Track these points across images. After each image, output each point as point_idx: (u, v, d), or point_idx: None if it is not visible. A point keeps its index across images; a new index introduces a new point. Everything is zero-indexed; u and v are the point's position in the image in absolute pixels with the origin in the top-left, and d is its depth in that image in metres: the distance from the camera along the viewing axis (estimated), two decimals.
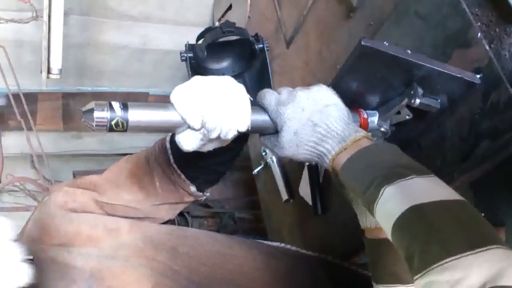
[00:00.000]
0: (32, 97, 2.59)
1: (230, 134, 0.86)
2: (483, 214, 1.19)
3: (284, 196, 1.76)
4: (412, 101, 0.99)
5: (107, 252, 0.96)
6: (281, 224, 1.86)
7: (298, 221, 1.74)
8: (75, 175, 2.89)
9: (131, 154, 1.13)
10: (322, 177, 1.55)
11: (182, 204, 1.14)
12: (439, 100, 1.01)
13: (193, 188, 1.08)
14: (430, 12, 1.05)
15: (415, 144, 1.12)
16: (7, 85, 2.26)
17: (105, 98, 2.84)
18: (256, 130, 0.93)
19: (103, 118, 0.77)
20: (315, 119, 0.89)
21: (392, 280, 0.96)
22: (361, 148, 0.86)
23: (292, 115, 0.90)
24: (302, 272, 1.23)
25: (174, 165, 1.05)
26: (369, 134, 0.91)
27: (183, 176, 1.06)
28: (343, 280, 1.30)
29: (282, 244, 1.31)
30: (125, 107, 0.79)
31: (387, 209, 0.77)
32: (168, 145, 1.04)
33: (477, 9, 0.96)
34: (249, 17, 2.05)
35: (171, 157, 1.04)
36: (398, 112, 1.04)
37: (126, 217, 1.05)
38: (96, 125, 0.77)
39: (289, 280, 1.16)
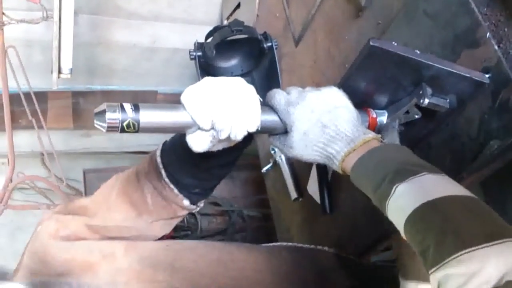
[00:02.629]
0: (42, 96, 2.60)
1: (240, 135, 0.87)
2: None
3: (293, 194, 1.77)
4: (421, 100, 0.99)
5: (105, 279, 0.96)
6: (290, 222, 1.87)
7: (307, 219, 1.75)
8: (85, 173, 2.91)
9: (139, 152, 1.14)
10: (331, 176, 1.55)
11: (176, 219, 1.13)
12: (448, 100, 1.01)
13: (186, 202, 1.07)
14: (439, 11, 1.05)
15: (424, 143, 1.12)
16: (18, 84, 2.28)
17: (115, 96, 2.85)
18: (265, 130, 0.93)
19: (115, 119, 0.78)
20: (325, 120, 0.90)
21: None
22: (372, 148, 0.86)
23: (301, 116, 0.90)
24: (305, 265, 1.23)
25: (166, 180, 1.03)
26: (379, 136, 0.92)
27: (175, 190, 1.04)
28: (343, 268, 1.29)
29: (278, 243, 1.31)
30: (136, 108, 0.80)
31: (399, 205, 0.77)
32: (159, 159, 1.03)
33: (485, 9, 0.96)
34: (257, 15, 2.06)
35: (162, 171, 1.03)
36: (407, 112, 1.04)
37: (120, 237, 1.05)
38: (108, 127, 0.78)
39: (293, 276, 1.16)
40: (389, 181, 0.79)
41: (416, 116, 1.04)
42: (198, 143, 0.86)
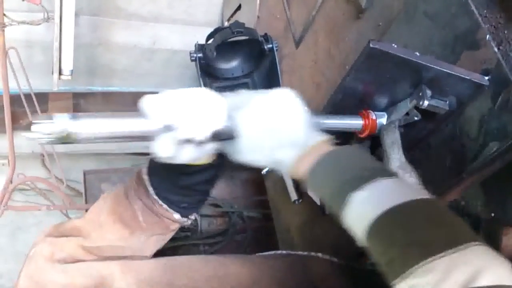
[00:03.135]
0: (43, 97, 2.60)
1: (202, 133, 0.84)
2: (493, 214, 1.19)
3: (293, 196, 1.76)
4: (421, 102, 0.99)
5: None
6: (290, 223, 1.87)
7: (307, 221, 1.75)
8: (86, 174, 2.90)
9: (140, 153, 1.13)
10: None
11: (170, 233, 1.11)
12: (447, 102, 1.01)
13: (177, 216, 1.06)
14: (439, 13, 1.05)
15: (424, 144, 1.12)
16: (19, 85, 2.28)
17: (115, 97, 2.86)
18: (218, 136, 0.89)
19: (51, 131, 0.76)
20: (271, 125, 0.87)
21: None
22: (325, 154, 0.84)
23: (246, 120, 0.87)
24: (298, 273, 1.22)
25: (155, 197, 1.02)
26: (330, 138, 0.89)
27: (165, 206, 1.03)
28: (338, 275, 1.29)
29: (272, 252, 1.30)
30: (74, 118, 0.78)
31: (357, 215, 0.76)
32: (146, 177, 1.02)
33: (485, 11, 0.96)
34: (258, 17, 2.06)
35: (150, 189, 1.02)
36: (407, 114, 1.05)
37: (116, 257, 1.04)
38: (44, 139, 0.76)
39: (287, 284, 1.15)
40: (343, 190, 0.78)
41: (416, 118, 1.04)
42: (162, 148, 0.83)
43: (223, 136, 0.89)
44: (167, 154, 0.84)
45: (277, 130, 0.87)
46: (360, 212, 0.75)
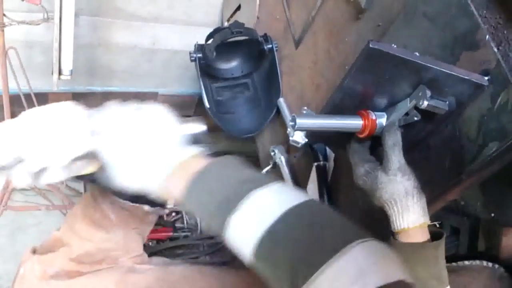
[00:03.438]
0: (43, 97, 2.60)
1: (57, 162, 0.77)
2: (492, 215, 1.18)
3: None
4: (420, 103, 0.99)
5: None
6: None
7: None
8: None
9: None
10: (330, 178, 1.55)
11: (148, 225, 1.09)
12: (447, 102, 1.01)
13: (147, 207, 1.03)
14: (438, 14, 1.05)
15: (423, 145, 1.12)
16: (18, 85, 2.28)
17: (115, 98, 2.85)
18: (81, 158, 0.82)
19: None
20: (134, 146, 0.81)
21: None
22: (196, 172, 0.79)
23: (107, 144, 0.81)
24: None
25: (114, 197, 1.00)
26: (199, 151, 0.84)
27: (129, 203, 1.01)
28: None
29: None
30: None
31: (239, 240, 0.74)
32: None
33: (485, 11, 0.96)
34: (258, 17, 2.06)
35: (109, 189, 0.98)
36: (407, 114, 1.04)
37: (110, 261, 1.02)
38: None
39: None
40: (220, 212, 0.74)
41: (416, 118, 1.04)
42: (17, 179, 0.78)
43: (87, 157, 0.82)
44: (25, 183, 0.78)
45: (141, 150, 0.80)
46: (241, 236, 0.72)
